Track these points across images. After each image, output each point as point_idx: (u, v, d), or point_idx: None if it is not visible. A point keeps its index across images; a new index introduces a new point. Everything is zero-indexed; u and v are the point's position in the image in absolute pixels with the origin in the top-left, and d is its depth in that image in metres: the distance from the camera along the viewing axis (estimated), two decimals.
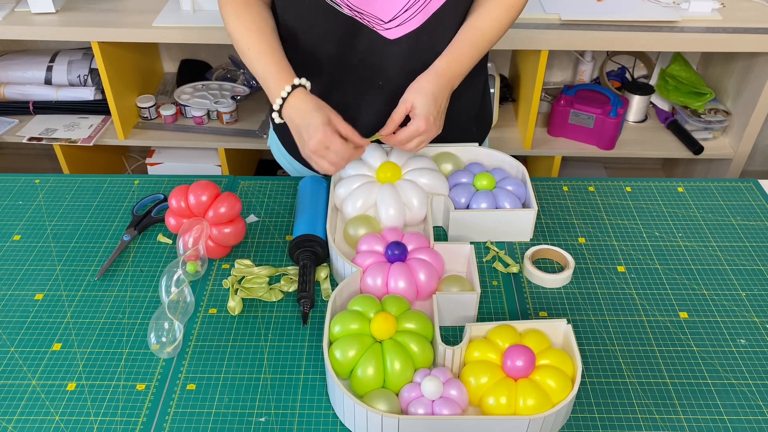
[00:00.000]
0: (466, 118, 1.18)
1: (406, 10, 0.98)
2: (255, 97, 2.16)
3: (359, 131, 0.96)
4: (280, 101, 0.95)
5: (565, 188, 1.14)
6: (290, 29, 1.04)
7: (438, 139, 1.07)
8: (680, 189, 1.14)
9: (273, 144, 1.28)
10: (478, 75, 1.13)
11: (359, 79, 1.05)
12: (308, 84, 0.97)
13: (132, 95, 2.05)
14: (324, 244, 0.98)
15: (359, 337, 0.80)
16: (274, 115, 0.98)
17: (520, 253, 1.02)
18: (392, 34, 1.00)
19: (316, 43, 1.03)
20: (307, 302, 0.91)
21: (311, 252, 0.97)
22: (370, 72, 1.03)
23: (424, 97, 0.96)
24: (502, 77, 2.17)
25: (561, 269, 0.99)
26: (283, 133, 1.23)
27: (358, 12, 0.98)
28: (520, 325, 0.83)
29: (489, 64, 1.99)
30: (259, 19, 1.00)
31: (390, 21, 0.99)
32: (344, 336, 0.81)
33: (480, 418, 0.75)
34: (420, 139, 0.97)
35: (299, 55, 1.03)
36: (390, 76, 1.04)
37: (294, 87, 0.95)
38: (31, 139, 2.00)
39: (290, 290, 0.95)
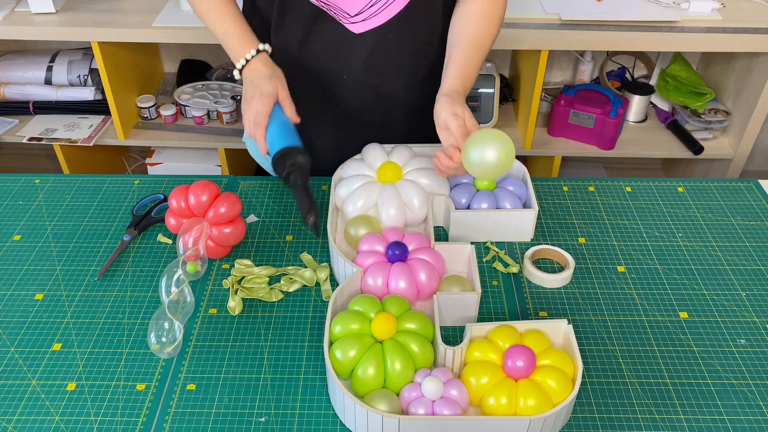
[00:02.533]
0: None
1: (371, 5, 0.99)
2: None
3: (324, 123, 1.08)
4: (243, 62, 1.01)
5: (565, 188, 1.14)
6: (261, 12, 1.07)
7: (434, 140, 1.07)
8: (680, 189, 1.14)
9: (248, 139, 1.28)
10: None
11: (324, 71, 1.06)
12: (269, 49, 1.03)
13: (132, 95, 2.05)
14: (304, 150, 0.97)
15: (360, 337, 0.80)
16: (235, 72, 1.03)
17: (520, 253, 1.02)
18: (357, 29, 1.02)
19: (283, 30, 1.05)
20: (311, 215, 0.92)
21: (293, 163, 0.95)
22: (335, 64, 1.04)
23: (467, 109, 0.94)
24: (502, 77, 2.17)
25: (561, 269, 0.99)
26: None
27: (324, 3, 0.99)
28: (521, 326, 0.83)
29: (489, 64, 1.99)
30: None
31: (356, 15, 1.00)
32: (345, 336, 0.81)
33: (480, 419, 0.75)
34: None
35: (268, 43, 1.05)
36: (354, 71, 1.05)
37: (258, 51, 1.01)
38: (31, 139, 2.00)
39: (290, 290, 0.95)
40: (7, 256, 1.02)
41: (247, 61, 1.01)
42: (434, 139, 1.04)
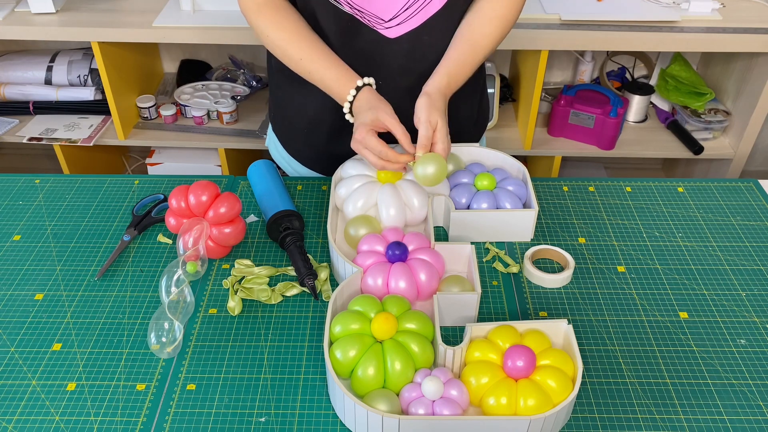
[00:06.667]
0: (466, 120, 1.18)
1: (406, 9, 0.98)
2: (255, 97, 2.16)
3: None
4: (348, 105, 0.99)
5: (565, 188, 1.14)
6: None
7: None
8: (680, 189, 1.14)
9: (271, 144, 1.28)
10: (476, 81, 1.14)
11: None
12: (372, 81, 1.00)
13: (132, 95, 2.05)
14: (298, 214, 1.03)
15: (360, 337, 0.80)
16: (347, 114, 1.00)
17: (520, 253, 1.02)
18: (392, 33, 1.01)
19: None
20: (309, 279, 0.94)
21: (288, 227, 1.01)
22: (370, 70, 1.03)
23: (442, 115, 0.96)
24: (502, 77, 2.17)
25: (561, 269, 0.99)
26: (282, 133, 1.23)
27: (358, 10, 0.98)
28: (521, 326, 0.83)
29: (489, 64, 1.99)
30: (298, 23, 1.01)
31: (390, 20, 0.99)
32: (345, 336, 0.81)
33: (480, 419, 0.75)
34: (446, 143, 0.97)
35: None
36: (390, 75, 1.04)
37: (358, 89, 0.99)
38: (31, 139, 2.00)
39: (289, 294, 0.95)
40: (7, 256, 1.02)
41: (351, 103, 0.99)
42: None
